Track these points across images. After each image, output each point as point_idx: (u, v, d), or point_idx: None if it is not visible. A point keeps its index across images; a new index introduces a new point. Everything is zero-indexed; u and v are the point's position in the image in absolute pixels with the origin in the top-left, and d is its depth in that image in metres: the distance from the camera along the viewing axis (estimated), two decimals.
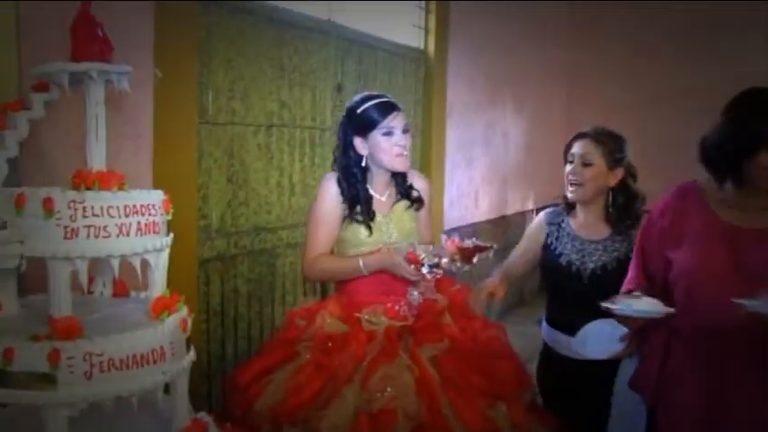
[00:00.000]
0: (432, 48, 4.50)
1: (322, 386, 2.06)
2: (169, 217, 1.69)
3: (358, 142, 2.32)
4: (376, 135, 2.29)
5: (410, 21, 4.39)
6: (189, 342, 1.72)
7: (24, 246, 1.49)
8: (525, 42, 5.95)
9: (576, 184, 2.45)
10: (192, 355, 1.72)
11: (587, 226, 2.50)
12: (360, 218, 2.31)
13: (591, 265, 2.43)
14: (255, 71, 3.16)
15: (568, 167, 2.48)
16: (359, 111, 2.32)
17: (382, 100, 2.34)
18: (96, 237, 1.49)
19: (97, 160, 1.68)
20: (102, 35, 1.72)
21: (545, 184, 6.73)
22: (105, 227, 1.50)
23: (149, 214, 1.59)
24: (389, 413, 1.98)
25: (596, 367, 2.28)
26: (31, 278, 1.72)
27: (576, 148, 2.46)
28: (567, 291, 2.46)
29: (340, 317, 2.26)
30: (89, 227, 1.48)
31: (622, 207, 2.45)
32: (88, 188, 1.56)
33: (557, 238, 2.53)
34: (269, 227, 3.32)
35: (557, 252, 2.50)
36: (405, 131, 2.33)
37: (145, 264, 1.61)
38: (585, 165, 2.42)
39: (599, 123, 2.57)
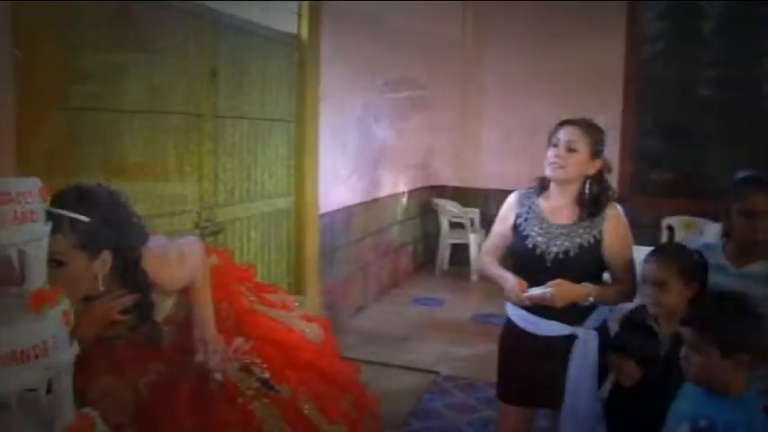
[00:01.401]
0: (305, 33, 4.48)
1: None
2: (46, 205, 1.61)
3: None
4: None
5: (284, 6, 4.34)
6: (72, 335, 1.65)
7: None
8: (395, 25, 6.04)
9: (558, 166, 2.50)
10: (75, 347, 1.64)
11: (556, 210, 2.55)
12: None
13: (555, 249, 2.48)
14: (126, 55, 3.04)
15: (552, 150, 2.52)
16: None
17: None
18: None
19: None
20: None
21: (414, 167, 6.91)
22: None
23: (26, 202, 1.51)
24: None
25: (559, 343, 2.47)
26: None
27: (563, 134, 2.51)
28: (532, 272, 2.48)
29: None
30: None
31: (595, 196, 2.51)
32: None
33: (525, 220, 2.58)
34: (143, 215, 3.20)
35: (524, 233, 2.54)
36: None
37: (22, 255, 1.52)
38: (570, 150, 2.48)
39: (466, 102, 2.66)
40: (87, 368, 1.96)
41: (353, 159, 5.43)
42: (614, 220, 2.51)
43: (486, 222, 6.14)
